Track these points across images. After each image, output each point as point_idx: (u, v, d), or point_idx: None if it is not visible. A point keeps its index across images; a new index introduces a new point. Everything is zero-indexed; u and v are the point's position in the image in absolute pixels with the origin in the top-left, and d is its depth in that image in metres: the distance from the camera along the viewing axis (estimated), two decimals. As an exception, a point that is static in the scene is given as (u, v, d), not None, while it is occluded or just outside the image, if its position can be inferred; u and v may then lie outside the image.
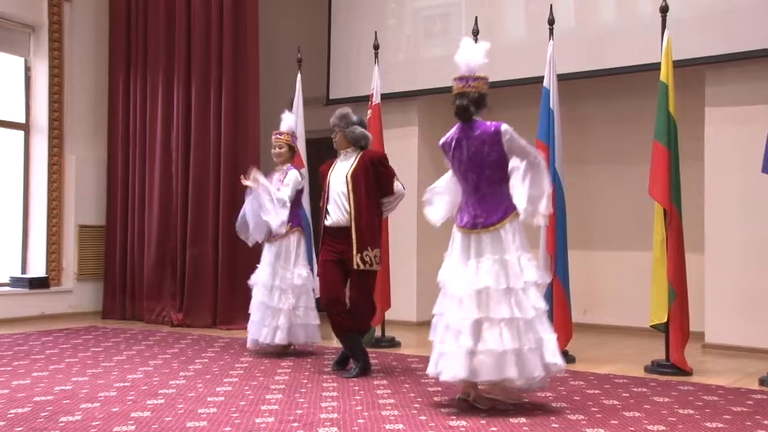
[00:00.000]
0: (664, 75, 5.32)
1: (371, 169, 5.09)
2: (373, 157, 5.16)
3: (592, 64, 6.93)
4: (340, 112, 5.23)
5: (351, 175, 5.08)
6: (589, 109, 7.84)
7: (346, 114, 5.22)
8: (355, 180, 5.06)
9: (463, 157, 4.11)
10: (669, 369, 5.19)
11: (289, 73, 7.71)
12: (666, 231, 5.22)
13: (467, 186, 4.14)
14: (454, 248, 4.11)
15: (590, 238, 7.71)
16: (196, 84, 8.11)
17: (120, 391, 4.44)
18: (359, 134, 5.20)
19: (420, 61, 8.03)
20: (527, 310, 3.90)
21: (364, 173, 5.07)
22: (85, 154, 8.76)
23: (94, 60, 8.90)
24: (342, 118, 5.20)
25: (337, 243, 5.09)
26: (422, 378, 4.96)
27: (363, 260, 5.01)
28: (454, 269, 4.05)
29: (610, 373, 5.18)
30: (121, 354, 5.92)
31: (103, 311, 8.65)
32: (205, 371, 5.16)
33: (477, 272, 3.96)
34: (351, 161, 5.16)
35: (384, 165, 5.17)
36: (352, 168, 5.10)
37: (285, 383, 4.75)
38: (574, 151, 7.35)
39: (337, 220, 5.08)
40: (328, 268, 5.10)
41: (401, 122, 8.14)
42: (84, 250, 8.69)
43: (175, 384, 4.68)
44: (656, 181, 5.27)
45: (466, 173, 4.12)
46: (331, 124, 5.22)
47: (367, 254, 5.02)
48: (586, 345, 6.40)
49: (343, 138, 5.20)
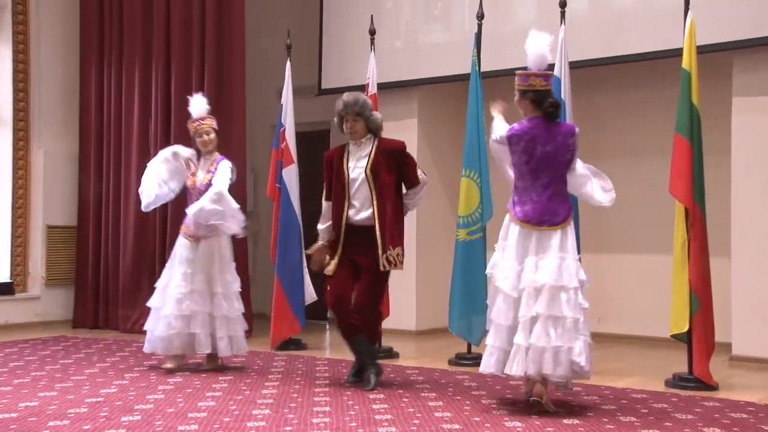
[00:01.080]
0: (687, 62, 5.32)
1: (393, 161, 5.11)
2: (394, 149, 5.17)
3: (607, 50, 6.92)
4: (360, 97, 5.19)
5: (371, 168, 5.08)
6: (604, 99, 7.84)
7: (367, 99, 5.22)
8: (376, 173, 5.06)
9: (537, 153, 4.47)
10: (692, 383, 5.18)
11: (278, 60, 7.69)
12: (688, 232, 5.22)
13: (536, 182, 4.50)
14: (509, 242, 4.48)
15: (605, 240, 7.69)
16: (177, 72, 8.09)
17: (92, 407, 4.41)
18: (381, 122, 5.22)
19: (420, 48, 8.02)
20: (577, 310, 4.35)
21: (385, 165, 5.07)
22: (54, 148, 8.73)
23: (64, 45, 8.87)
24: (365, 105, 5.17)
25: (357, 242, 5.07)
26: (422, 392, 4.96)
27: (388, 260, 5.05)
28: (508, 265, 4.43)
29: (628, 388, 5.17)
30: (94, 366, 5.89)
31: (74, 320, 8.63)
32: (186, 384, 5.14)
33: (536, 269, 4.36)
34: (367, 152, 5.14)
35: (406, 155, 5.20)
36: (370, 160, 5.10)
37: (273, 397, 4.74)
38: (587, 145, 7.20)
39: (360, 218, 5.08)
40: (340, 264, 5.11)
41: (399, 114, 8.13)
42: (53, 253, 8.65)
43: (153, 399, 4.66)
44: (678, 177, 5.27)
45: (538, 170, 4.49)
46: (350, 111, 5.13)
47: (391, 254, 5.05)
48: (601, 357, 6.37)
49: (363, 126, 5.17)
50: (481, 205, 6.11)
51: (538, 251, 4.41)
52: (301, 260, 6.88)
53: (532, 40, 4.61)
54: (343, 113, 5.17)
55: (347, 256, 5.11)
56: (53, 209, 8.67)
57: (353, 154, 5.18)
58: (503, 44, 7.33)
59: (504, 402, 4.69)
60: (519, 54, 7.25)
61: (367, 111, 5.17)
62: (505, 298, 4.41)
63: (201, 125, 5.79)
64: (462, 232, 6.16)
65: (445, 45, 7.85)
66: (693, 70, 5.29)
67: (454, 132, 7.98)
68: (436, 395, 4.86)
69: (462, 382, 5.35)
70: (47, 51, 8.71)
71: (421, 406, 4.54)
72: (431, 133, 8.29)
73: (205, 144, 5.77)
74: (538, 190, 4.49)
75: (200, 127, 5.79)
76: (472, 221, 6.12)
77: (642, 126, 7.63)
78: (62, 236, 8.74)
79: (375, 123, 5.19)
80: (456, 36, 7.75)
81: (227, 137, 7.78)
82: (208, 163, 5.76)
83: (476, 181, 6.14)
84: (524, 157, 4.49)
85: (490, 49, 6.88)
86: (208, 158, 5.79)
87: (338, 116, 5.23)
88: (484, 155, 6.15)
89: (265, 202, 8.55)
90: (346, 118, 5.17)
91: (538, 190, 4.49)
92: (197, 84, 7.97)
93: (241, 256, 7.76)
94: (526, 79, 4.60)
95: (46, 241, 8.60)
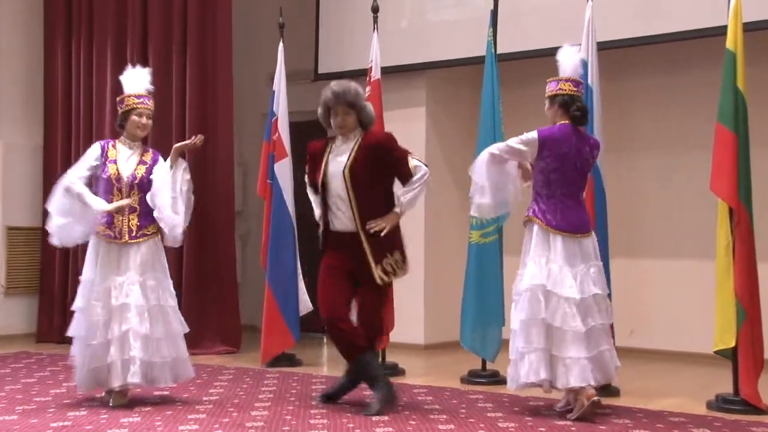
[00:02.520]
0: (732, 41, 5.28)
1: (377, 157, 4.98)
2: (378, 143, 5.06)
3: (640, 29, 6.90)
4: (352, 86, 5.08)
5: (349, 169, 4.97)
6: (636, 84, 7.81)
7: (359, 88, 5.13)
8: (354, 173, 4.97)
9: (571, 160, 4.97)
10: (738, 406, 5.14)
11: (269, 41, 7.67)
12: (733, 235, 5.19)
13: (570, 189, 5.00)
14: (558, 252, 4.89)
15: (637, 243, 7.68)
16: (155, 53, 8.06)
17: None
18: (373, 114, 5.16)
19: (429, 27, 8.01)
20: (611, 316, 5.08)
21: (367, 163, 4.97)
22: (15, 139, 8.72)
23: (25, 21, 8.83)
24: (359, 95, 5.08)
25: (343, 252, 5.01)
26: (431, 413, 4.94)
27: (385, 271, 4.99)
28: (563, 273, 4.86)
29: (664, 410, 5.14)
30: (60, 386, 5.86)
31: (38, 333, 8.61)
32: (166, 406, 5.12)
33: (588, 278, 4.91)
34: (350, 148, 5.06)
35: (390, 148, 5.05)
36: (349, 159, 5.00)
37: (264, 420, 4.71)
38: (616, 136, 7.32)
39: (341, 226, 5.03)
40: (331, 275, 5.03)
41: (405, 101, 8.12)
42: (13, 258, 8.63)
43: (127, 422, 4.63)
44: (720, 173, 5.24)
45: (574, 177, 5.00)
46: (341, 102, 5.03)
47: (388, 262, 5.00)
48: (633, 374, 6.36)
49: (355, 120, 5.09)
50: (497, 204, 6.07)
51: (584, 259, 4.95)
52: (295, 265, 6.86)
53: (564, 54, 5.17)
54: (332, 104, 5.06)
55: (339, 265, 5.02)
56: (14, 209, 8.65)
57: (335, 150, 5.10)
58: (522, 23, 7.31)
59: (523, 425, 4.65)
60: (539, 34, 7.35)
61: (360, 101, 5.09)
62: (573, 304, 4.82)
63: (145, 105, 5.31)
64: (475, 234, 6.13)
65: (457, 24, 7.82)
66: (738, 50, 5.25)
67: (467, 122, 7.97)
68: (446, 417, 4.83)
69: (475, 403, 5.32)
70: (5, 27, 8.66)
71: (430, 429, 4.52)
72: (441, 123, 8.26)
73: (143, 128, 5.31)
74: (574, 198, 5.01)
75: (142, 107, 5.29)
76: (486, 222, 6.08)
77: (679, 115, 7.60)
78: (24, 239, 8.71)
79: (369, 115, 5.12)
80: (469, 14, 7.73)
81: (212, 127, 7.80)
82: (137, 152, 5.31)
83: (492, 177, 6.10)
84: (556, 164, 4.93)
85: (508, 28, 6.86)
86: (134, 146, 5.32)
87: (324, 107, 5.13)
88: (500, 147, 6.12)
89: (255, 201, 8.52)
90: (336, 110, 5.06)
91: (574, 197, 5.01)
92: (178, 67, 7.96)
93: (228, 261, 7.78)
94: (556, 84, 5.07)
95: (6, 244, 8.58)
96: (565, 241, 4.90)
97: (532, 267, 4.89)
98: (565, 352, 4.75)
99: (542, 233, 4.92)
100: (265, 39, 8.28)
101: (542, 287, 4.81)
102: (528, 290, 4.85)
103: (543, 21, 7.28)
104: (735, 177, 5.19)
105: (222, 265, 7.73)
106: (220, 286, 7.68)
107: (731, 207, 5.21)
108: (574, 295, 4.80)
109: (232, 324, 7.73)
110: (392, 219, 5.03)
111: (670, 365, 7.05)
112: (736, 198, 5.19)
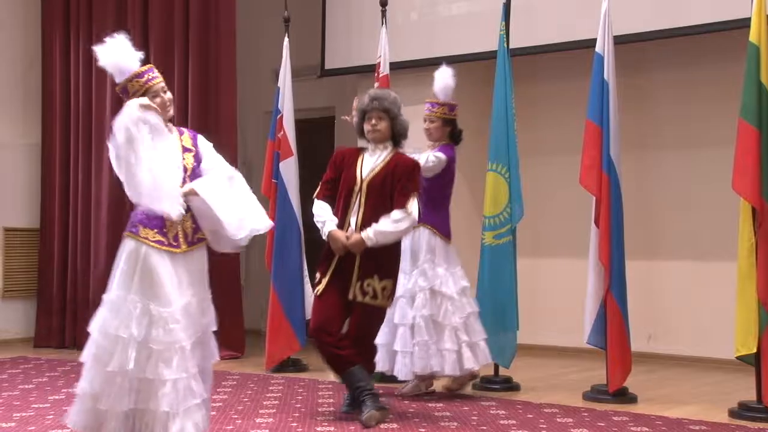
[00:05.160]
0: (755, 34, 5.25)
1: (393, 175, 4.97)
2: (403, 164, 5.02)
3: (659, 22, 6.89)
4: (391, 94, 5.11)
5: (370, 181, 5.00)
6: (654, 80, 7.80)
7: (398, 100, 5.11)
8: (371, 188, 4.99)
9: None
10: (761, 413, 5.12)
11: (274, 35, 7.67)
12: (756, 235, 5.16)
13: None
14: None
15: (655, 244, 7.66)
16: (156, 47, 8.07)
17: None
18: (407, 127, 5.14)
19: (438, 22, 8.00)
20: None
21: (383, 180, 4.97)
22: (12, 138, 8.74)
23: (21, 14, 8.85)
24: (395, 104, 5.08)
25: (350, 263, 4.97)
26: (441, 421, 4.94)
27: (363, 291, 4.93)
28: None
29: (684, 418, 5.12)
30: (59, 392, 5.86)
31: (36, 338, 8.63)
32: (166, 413, 5.11)
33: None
34: (378, 162, 5.06)
35: (410, 174, 5.01)
36: (373, 172, 5.02)
37: (269, 427, 4.71)
38: (632, 133, 7.31)
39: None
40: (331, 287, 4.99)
41: (415, 98, 8.01)
42: (11, 260, 8.67)
43: (127, 429, 4.62)
44: (743, 171, 5.22)
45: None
46: (377, 107, 5.04)
47: (370, 284, 4.93)
48: (651, 381, 6.37)
49: (388, 128, 5.08)
50: (510, 203, 6.07)
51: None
52: (301, 267, 6.86)
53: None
54: (368, 108, 5.08)
55: (340, 280, 4.99)
56: (11, 210, 8.69)
57: (367, 160, 5.10)
58: (536, 16, 7.29)
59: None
60: (552, 28, 7.33)
61: (395, 109, 5.09)
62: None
63: (154, 80, 4.23)
64: (488, 236, 6.12)
65: (469, 18, 7.81)
66: (762, 43, 5.23)
67: (478, 119, 7.93)
68: (457, 425, 4.83)
69: (488, 410, 5.32)
70: (3, 20, 8.68)
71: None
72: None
73: (165, 106, 4.22)
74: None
75: (152, 83, 4.21)
76: (500, 222, 6.08)
77: (699, 111, 7.58)
78: (22, 240, 8.75)
79: (402, 127, 5.10)
80: (481, 7, 7.71)
81: (215, 125, 7.81)
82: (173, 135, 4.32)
83: (504, 175, 6.09)
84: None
85: (522, 22, 6.84)
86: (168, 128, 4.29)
87: (360, 113, 5.15)
88: (513, 146, 6.12)
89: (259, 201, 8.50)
90: (370, 115, 5.08)
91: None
92: (180, 62, 7.97)
93: (231, 264, 7.78)
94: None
95: (4, 246, 8.61)
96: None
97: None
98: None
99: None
100: (270, 34, 8.27)
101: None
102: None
103: (558, 14, 7.27)
104: (758, 175, 5.17)
105: (224, 267, 7.72)
106: (223, 289, 7.64)
107: (754, 207, 5.19)
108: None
109: (235, 328, 7.72)
110: (357, 242, 4.87)
111: (690, 371, 7.02)
112: (760, 197, 5.16)
